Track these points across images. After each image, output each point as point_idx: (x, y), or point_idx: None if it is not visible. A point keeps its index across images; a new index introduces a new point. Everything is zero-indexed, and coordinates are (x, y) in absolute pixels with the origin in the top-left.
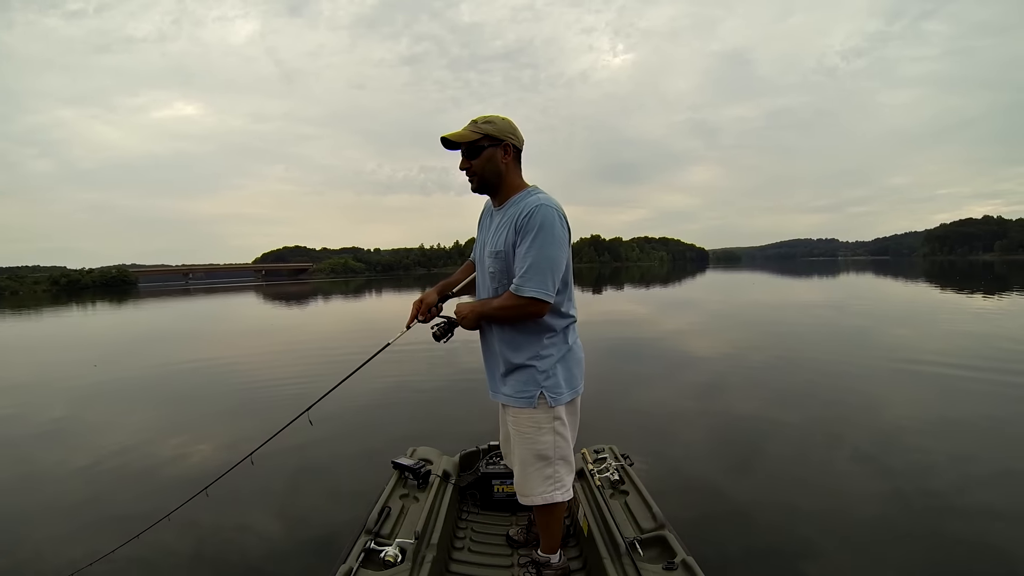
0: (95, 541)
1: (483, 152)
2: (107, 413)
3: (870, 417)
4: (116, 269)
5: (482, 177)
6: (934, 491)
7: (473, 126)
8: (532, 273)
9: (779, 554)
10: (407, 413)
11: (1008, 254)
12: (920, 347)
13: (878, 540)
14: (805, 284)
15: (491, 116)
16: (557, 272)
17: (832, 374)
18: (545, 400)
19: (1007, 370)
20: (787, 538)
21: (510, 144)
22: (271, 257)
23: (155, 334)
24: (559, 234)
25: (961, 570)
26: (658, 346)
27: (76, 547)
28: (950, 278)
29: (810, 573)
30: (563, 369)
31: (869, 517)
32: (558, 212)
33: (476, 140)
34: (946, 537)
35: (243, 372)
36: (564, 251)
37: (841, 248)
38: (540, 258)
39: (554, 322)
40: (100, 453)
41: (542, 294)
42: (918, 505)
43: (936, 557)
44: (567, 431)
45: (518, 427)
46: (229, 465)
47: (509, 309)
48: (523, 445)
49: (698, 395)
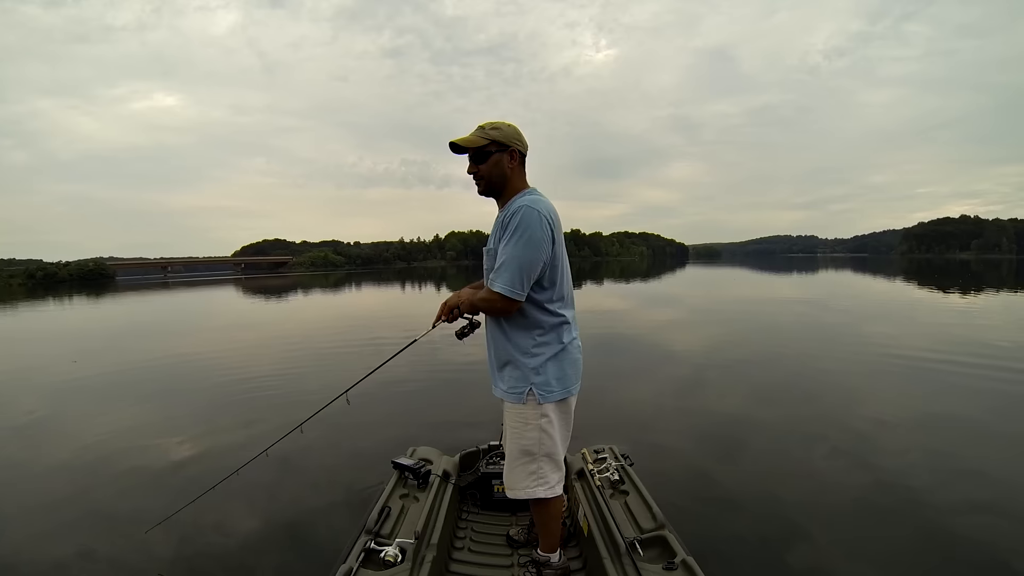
0: (78, 537)
1: (490, 157)
2: (91, 410)
3: (868, 416)
4: (93, 262)
5: (489, 181)
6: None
7: (481, 132)
8: (502, 270)
9: (779, 554)
10: (407, 413)
11: (984, 253)
12: (904, 343)
13: (881, 540)
14: (785, 280)
15: (497, 122)
16: (527, 271)
17: (817, 373)
18: (534, 396)
19: (983, 365)
20: (787, 538)
21: (516, 150)
22: (251, 250)
23: (134, 329)
24: (535, 235)
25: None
26: (644, 342)
27: (57, 544)
28: (928, 276)
29: (810, 572)
30: (555, 368)
31: (872, 517)
32: (540, 213)
33: (484, 145)
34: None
35: (225, 367)
36: (538, 252)
37: (820, 245)
38: (511, 257)
39: (544, 320)
40: (89, 449)
41: (507, 291)
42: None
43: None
44: (554, 430)
45: (508, 421)
46: (218, 457)
47: (484, 301)
48: (511, 439)
49: (694, 393)
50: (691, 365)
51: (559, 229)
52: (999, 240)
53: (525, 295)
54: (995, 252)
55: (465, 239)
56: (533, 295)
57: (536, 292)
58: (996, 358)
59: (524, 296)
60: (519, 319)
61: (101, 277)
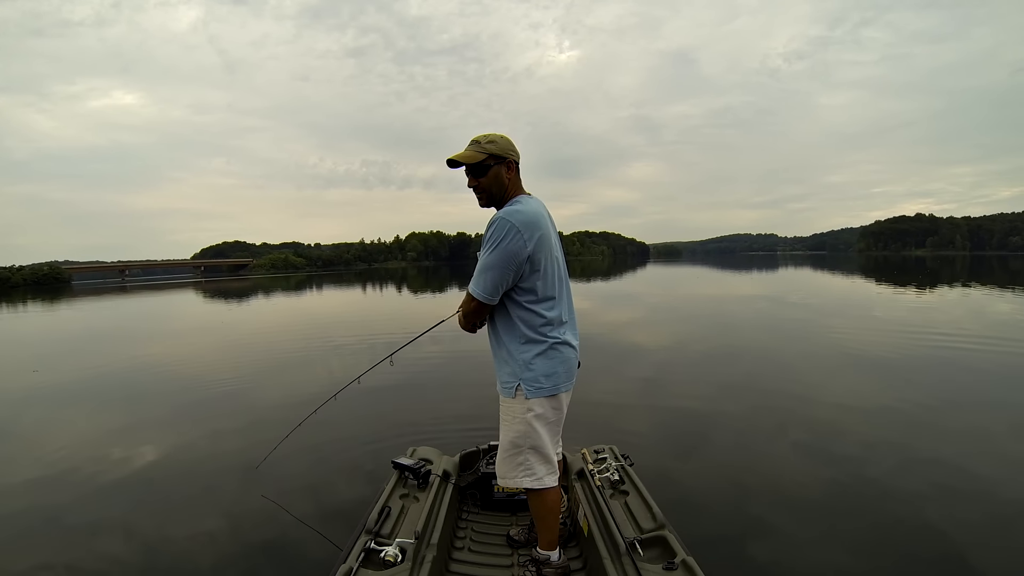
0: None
1: (490, 171)
2: (61, 420)
3: (869, 414)
4: (48, 266)
5: (489, 193)
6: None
7: (477, 147)
8: (476, 276)
9: (780, 553)
10: (407, 413)
11: (939, 250)
12: (864, 338)
13: (881, 540)
14: (747, 278)
15: (491, 135)
16: (495, 279)
17: (810, 370)
18: (522, 391)
19: (938, 358)
20: (788, 537)
21: (512, 160)
22: (210, 253)
23: (94, 333)
24: (503, 244)
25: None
26: (621, 341)
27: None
28: (885, 272)
29: (811, 571)
30: (543, 364)
31: (875, 517)
32: (513, 224)
33: (483, 160)
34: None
35: (192, 372)
36: (505, 260)
37: (780, 243)
38: (481, 265)
39: (530, 319)
40: (57, 459)
41: (476, 293)
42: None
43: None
44: (541, 425)
45: (501, 414)
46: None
47: (463, 306)
48: (502, 431)
49: (693, 393)
50: (680, 362)
51: (543, 232)
52: (953, 237)
53: (496, 299)
54: (949, 249)
55: (425, 239)
56: (516, 296)
57: (519, 294)
58: (954, 348)
59: (495, 300)
60: (507, 318)
61: (56, 281)
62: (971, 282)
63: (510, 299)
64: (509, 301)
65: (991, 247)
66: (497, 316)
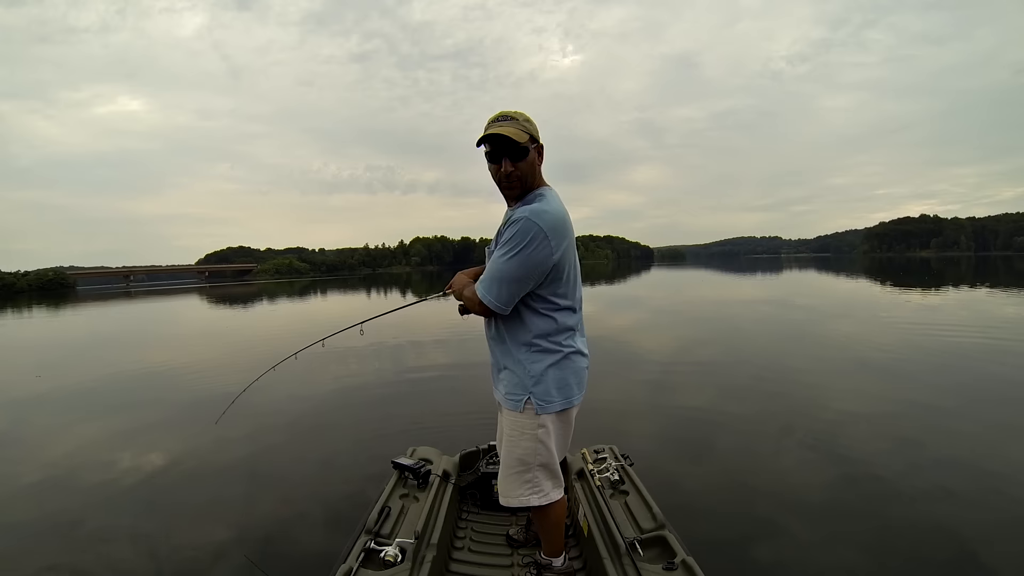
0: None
1: (528, 155)
2: (63, 425)
3: (867, 413)
4: (53, 271)
5: (523, 182)
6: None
7: (516, 124)
8: (490, 281)
9: (780, 553)
10: (407, 413)
11: (943, 251)
12: (869, 340)
13: (882, 539)
14: (751, 281)
15: (516, 112)
16: (508, 284)
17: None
18: (532, 406)
19: (945, 359)
20: (788, 537)
21: (541, 144)
22: (215, 258)
23: (98, 340)
24: (526, 251)
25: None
26: (631, 344)
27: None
28: (890, 274)
29: (812, 571)
30: (555, 376)
31: (882, 519)
32: (541, 228)
33: (525, 142)
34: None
35: (198, 377)
36: (528, 271)
37: (784, 246)
38: (498, 270)
39: (544, 326)
40: (66, 466)
41: (488, 301)
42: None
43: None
44: (551, 440)
45: (505, 428)
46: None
47: (469, 300)
48: (506, 447)
49: (692, 393)
50: (684, 364)
51: (567, 236)
52: (957, 238)
53: (509, 309)
54: (954, 249)
55: (429, 244)
56: (532, 302)
57: (535, 300)
58: (961, 349)
59: (508, 310)
60: (518, 324)
61: (61, 287)
62: (977, 283)
63: (524, 303)
64: (523, 305)
65: (996, 247)
66: (505, 318)
